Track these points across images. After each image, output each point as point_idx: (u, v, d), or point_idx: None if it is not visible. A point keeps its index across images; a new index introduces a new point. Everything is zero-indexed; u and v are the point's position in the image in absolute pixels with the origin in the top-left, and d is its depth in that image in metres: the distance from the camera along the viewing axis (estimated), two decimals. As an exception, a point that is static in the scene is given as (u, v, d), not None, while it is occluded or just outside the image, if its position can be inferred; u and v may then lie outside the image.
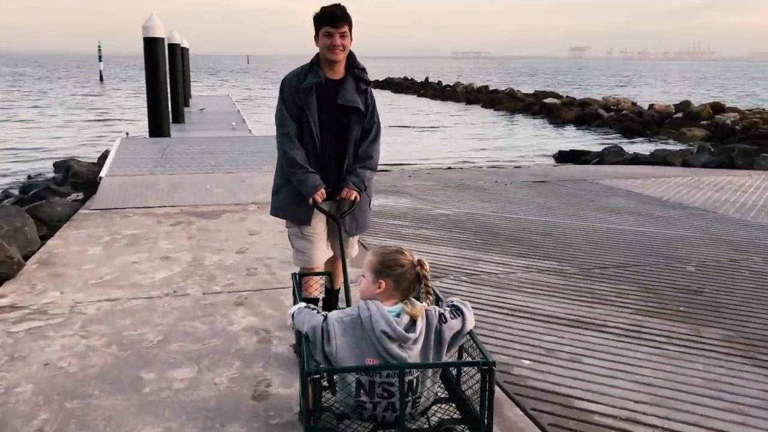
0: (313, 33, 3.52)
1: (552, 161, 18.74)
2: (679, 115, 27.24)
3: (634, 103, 31.83)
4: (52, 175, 15.30)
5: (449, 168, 15.37)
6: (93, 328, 4.28)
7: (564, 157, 18.84)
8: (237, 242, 6.38)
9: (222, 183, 8.99)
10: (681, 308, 4.83)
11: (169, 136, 13.70)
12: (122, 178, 9.15)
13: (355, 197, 3.63)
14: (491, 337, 4.23)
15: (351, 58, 3.61)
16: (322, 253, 3.76)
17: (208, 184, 8.85)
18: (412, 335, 2.31)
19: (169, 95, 14.14)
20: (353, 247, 3.91)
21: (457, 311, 2.46)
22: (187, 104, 23.31)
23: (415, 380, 2.34)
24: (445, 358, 2.49)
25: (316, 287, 3.80)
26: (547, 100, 35.12)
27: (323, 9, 3.48)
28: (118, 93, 45.97)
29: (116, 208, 7.83)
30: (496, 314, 4.65)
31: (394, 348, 2.29)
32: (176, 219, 7.37)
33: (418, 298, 2.51)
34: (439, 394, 2.64)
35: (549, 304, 4.87)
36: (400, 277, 2.39)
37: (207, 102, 25.61)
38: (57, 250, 6.05)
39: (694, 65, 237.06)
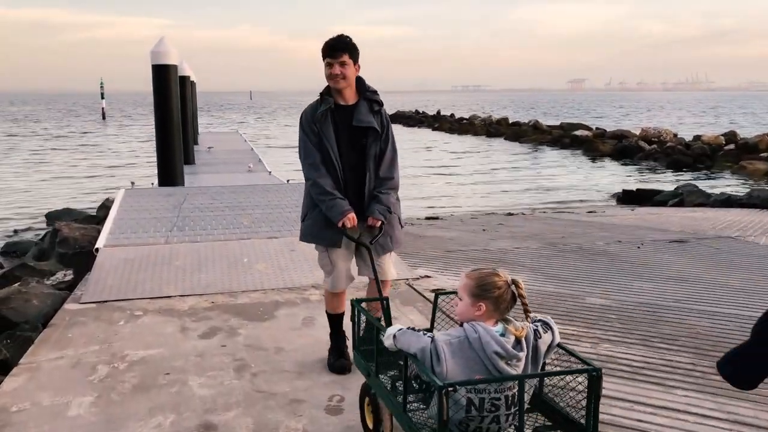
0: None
1: (614, 201, 16.42)
2: (731, 146, 24.97)
3: (675, 135, 29.58)
4: (42, 229, 12.95)
5: (510, 214, 12.96)
6: None
7: (630, 197, 16.36)
8: (315, 373, 3.92)
9: (263, 254, 6.55)
10: None
11: (182, 184, 11.30)
12: (127, 249, 6.72)
13: (382, 224, 3.70)
14: None
15: (361, 82, 3.75)
16: (346, 277, 3.86)
17: (245, 257, 6.40)
18: (521, 353, 2.41)
19: (181, 134, 11.76)
20: (390, 270, 3.88)
21: (545, 325, 2.52)
22: (196, 142, 21.07)
23: (515, 394, 2.39)
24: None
25: (344, 303, 3.92)
26: (577, 132, 33.00)
27: (325, 42, 3.65)
28: (123, 132, 43.81)
29: (118, 300, 5.38)
30: None
31: (504, 366, 2.38)
32: (209, 321, 4.92)
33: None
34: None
35: None
36: (499, 299, 2.46)
37: (215, 139, 23.36)
38: (13, 411, 3.55)
39: (696, 95, 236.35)
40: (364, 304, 3.31)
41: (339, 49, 3.58)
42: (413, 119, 54.82)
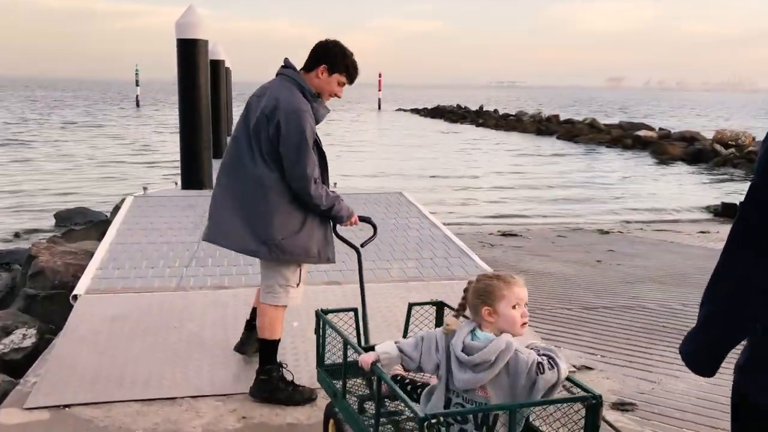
0: (318, 60, 3.41)
1: (707, 215, 14.04)
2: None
3: (754, 138, 26.70)
4: (50, 231, 10.94)
5: (604, 231, 10.57)
6: None
7: (731, 210, 13.82)
8: None
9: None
10: None
11: (211, 186, 9.11)
12: (119, 298, 4.55)
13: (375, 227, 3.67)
14: None
15: None
16: None
17: (295, 320, 4.16)
18: (469, 358, 2.14)
19: (210, 125, 9.61)
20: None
21: (552, 362, 2.10)
22: (229, 132, 18.98)
23: (492, 416, 2.11)
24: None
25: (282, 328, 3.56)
26: (640, 133, 30.26)
27: (353, 63, 3.47)
28: (155, 121, 42.05)
29: (88, 405, 3.20)
30: None
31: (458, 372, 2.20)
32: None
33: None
34: None
35: None
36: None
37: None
38: None
39: (738, 96, 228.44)
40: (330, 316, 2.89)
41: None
42: (455, 114, 52.27)
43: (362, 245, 3.51)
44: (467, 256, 5.86)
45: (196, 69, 8.84)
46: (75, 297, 4.50)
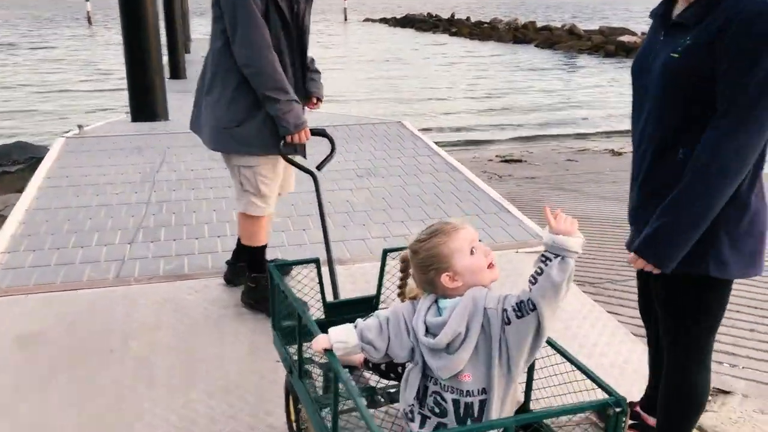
0: None
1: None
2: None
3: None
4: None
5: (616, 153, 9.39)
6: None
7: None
8: None
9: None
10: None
11: (166, 117, 7.65)
12: (31, 303, 3.17)
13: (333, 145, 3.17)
14: None
15: None
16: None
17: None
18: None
19: (159, 40, 8.02)
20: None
21: (521, 307, 1.58)
22: (187, 51, 17.08)
23: (476, 402, 1.66)
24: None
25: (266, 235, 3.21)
26: (623, 38, 28.87)
27: None
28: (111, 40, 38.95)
29: None
30: None
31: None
32: None
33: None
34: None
35: None
36: None
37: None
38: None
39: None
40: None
41: None
42: (426, 23, 49.80)
43: (318, 168, 3.04)
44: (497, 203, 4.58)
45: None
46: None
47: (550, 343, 1.71)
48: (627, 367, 2.85)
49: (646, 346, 3.05)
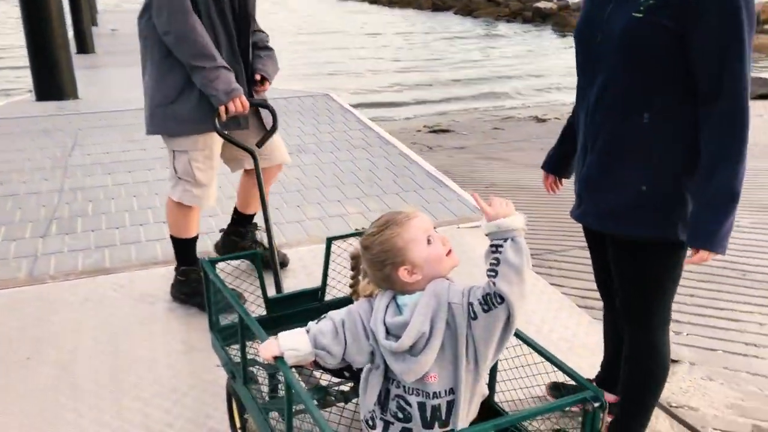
0: None
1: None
2: None
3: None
4: None
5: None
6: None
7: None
8: None
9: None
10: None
11: (75, 95, 7.18)
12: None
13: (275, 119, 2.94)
14: None
15: None
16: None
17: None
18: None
19: (62, 9, 7.49)
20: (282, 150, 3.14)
21: (489, 300, 1.47)
22: (94, 23, 16.15)
23: (443, 404, 1.55)
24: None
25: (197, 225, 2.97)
26: (540, 5, 29.35)
27: None
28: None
29: None
30: None
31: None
32: None
33: None
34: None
35: None
36: None
37: (120, 19, 18.23)
38: None
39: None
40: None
41: None
42: (344, -9, 49.09)
43: (258, 144, 2.80)
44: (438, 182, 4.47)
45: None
46: None
47: (516, 333, 1.61)
48: (575, 340, 2.82)
49: (591, 318, 3.03)
